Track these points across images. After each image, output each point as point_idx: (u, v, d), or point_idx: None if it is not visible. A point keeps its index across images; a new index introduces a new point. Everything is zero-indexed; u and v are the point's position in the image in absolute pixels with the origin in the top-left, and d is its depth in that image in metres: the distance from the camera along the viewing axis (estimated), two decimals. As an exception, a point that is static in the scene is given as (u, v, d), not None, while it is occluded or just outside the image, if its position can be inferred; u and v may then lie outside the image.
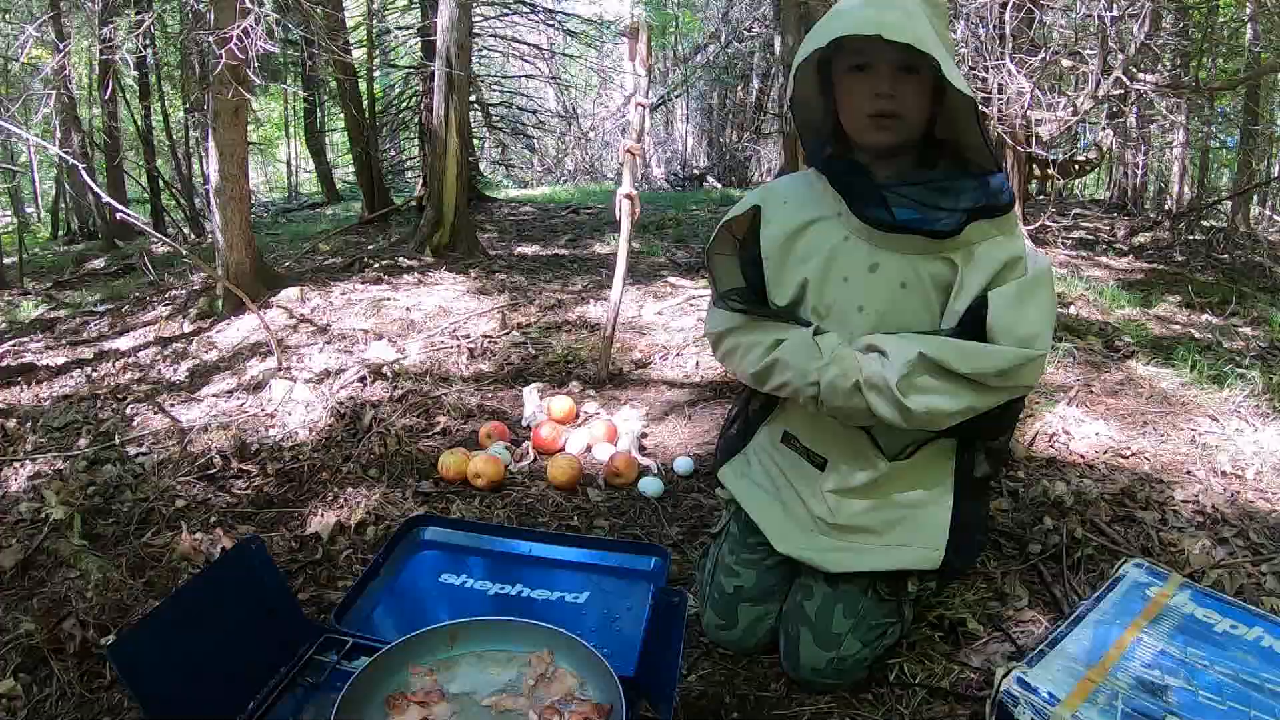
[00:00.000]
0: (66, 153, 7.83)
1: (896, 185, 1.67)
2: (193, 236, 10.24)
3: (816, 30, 1.61)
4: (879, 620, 1.81)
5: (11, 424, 3.53)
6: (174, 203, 11.44)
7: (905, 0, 1.56)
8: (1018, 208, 1.65)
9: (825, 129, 1.78)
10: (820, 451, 1.85)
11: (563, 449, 3.02)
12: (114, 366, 4.35)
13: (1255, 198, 9.02)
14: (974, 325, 1.62)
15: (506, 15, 14.26)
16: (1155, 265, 6.82)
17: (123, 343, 4.83)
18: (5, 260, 8.11)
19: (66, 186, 11.51)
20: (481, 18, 12.93)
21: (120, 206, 4.34)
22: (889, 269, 1.68)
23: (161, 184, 11.24)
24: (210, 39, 4.21)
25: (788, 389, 1.74)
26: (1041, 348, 1.62)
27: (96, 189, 4.49)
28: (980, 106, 1.64)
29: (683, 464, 2.88)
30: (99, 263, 8.78)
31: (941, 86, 1.61)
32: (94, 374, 4.25)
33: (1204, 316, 5.02)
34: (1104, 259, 6.92)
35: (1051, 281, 1.68)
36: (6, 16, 9.02)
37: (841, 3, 1.64)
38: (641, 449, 3.05)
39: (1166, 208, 9.63)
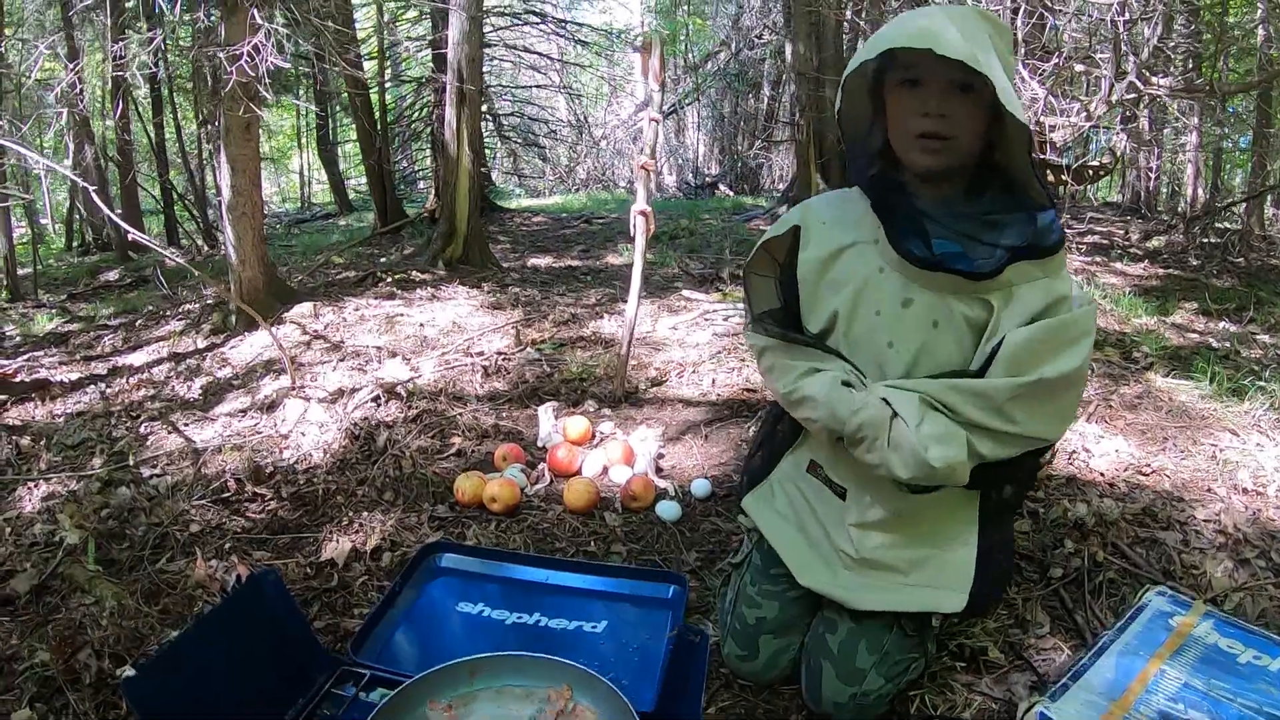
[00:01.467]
0: (78, 174, 7.87)
1: (940, 214, 1.61)
2: (206, 248, 10.28)
3: (870, 42, 1.56)
4: (902, 655, 1.78)
5: (25, 441, 3.53)
6: (187, 214, 11.48)
7: (966, 17, 1.51)
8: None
9: (873, 146, 1.71)
10: (840, 481, 1.82)
11: (579, 471, 3.00)
12: (127, 383, 4.35)
13: (1270, 199, 8.98)
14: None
15: (517, 25, 14.31)
16: (1171, 270, 6.78)
17: (136, 358, 4.84)
18: (19, 272, 8.13)
19: (80, 200, 11.56)
20: (492, 28, 12.99)
21: (131, 229, 4.34)
22: (922, 306, 1.63)
23: (175, 196, 11.28)
24: (222, 55, 4.21)
25: (815, 425, 1.71)
26: (1039, 381, 1.54)
27: (109, 211, 4.48)
28: (1033, 138, 1.55)
29: (700, 487, 2.85)
30: (113, 275, 8.81)
31: (999, 111, 1.53)
32: (108, 390, 4.25)
33: (1221, 324, 4.97)
34: (1119, 264, 6.89)
35: (1088, 329, 1.59)
36: (20, 31, 9.06)
37: (899, 15, 1.59)
38: (658, 470, 3.03)
39: (1180, 210, 9.60)
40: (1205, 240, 7.75)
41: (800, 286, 1.78)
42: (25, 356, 5.16)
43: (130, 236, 4.73)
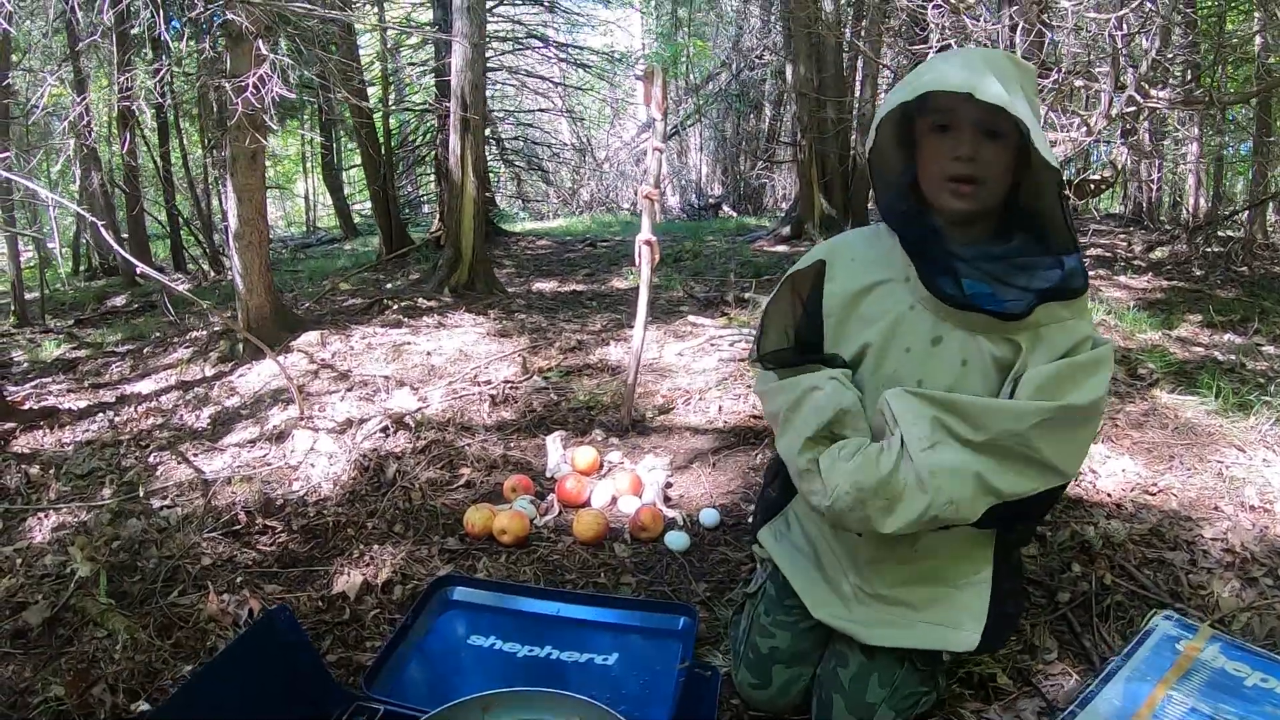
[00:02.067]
0: (86, 201, 7.91)
1: (969, 255, 1.63)
2: (212, 273, 10.31)
3: (905, 83, 1.58)
4: (913, 689, 1.79)
5: (35, 470, 3.54)
6: (193, 239, 11.52)
7: (998, 62, 1.53)
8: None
9: (902, 184, 1.73)
10: None
11: (588, 502, 3.01)
12: (136, 411, 4.37)
13: (1272, 206, 8.97)
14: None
15: (520, 50, 14.39)
16: (1175, 281, 6.76)
17: (144, 386, 4.85)
18: (27, 296, 8.16)
19: (87, 230, 11.61)
20: (494, 52, 13.05)
21: (139, 263, 4.36)
22: (951, 344, 1.65)
23: (181, 221, 11.32)
24: (227, 86, 4.24)
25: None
26: (1066, 407, 1.55)
27: (117, 246, 4.51)
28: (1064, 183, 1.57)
29: (709, 516, 2.86)
30: (120, 300, 8.85)
31: (1025, 155, 1.56)
32: (116, 418, 4.27)
33: (1226, 336, 4.96)
34: (1123, 278, 6.88)
35: (1105, 367, 1.60)
36: (26, 59, 9.12)
37: (933, 58, 1.61)
38: (666, 500, 3.04)
39: (1183, 220, 9.60)
40: (1208, 250, 7.76)
41: (825, 319, 1.79)
42: (33, 383, 5.19)
43: (139, 270, 4.73)
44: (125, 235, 10.21)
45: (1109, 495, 2.89)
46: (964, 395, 1.59)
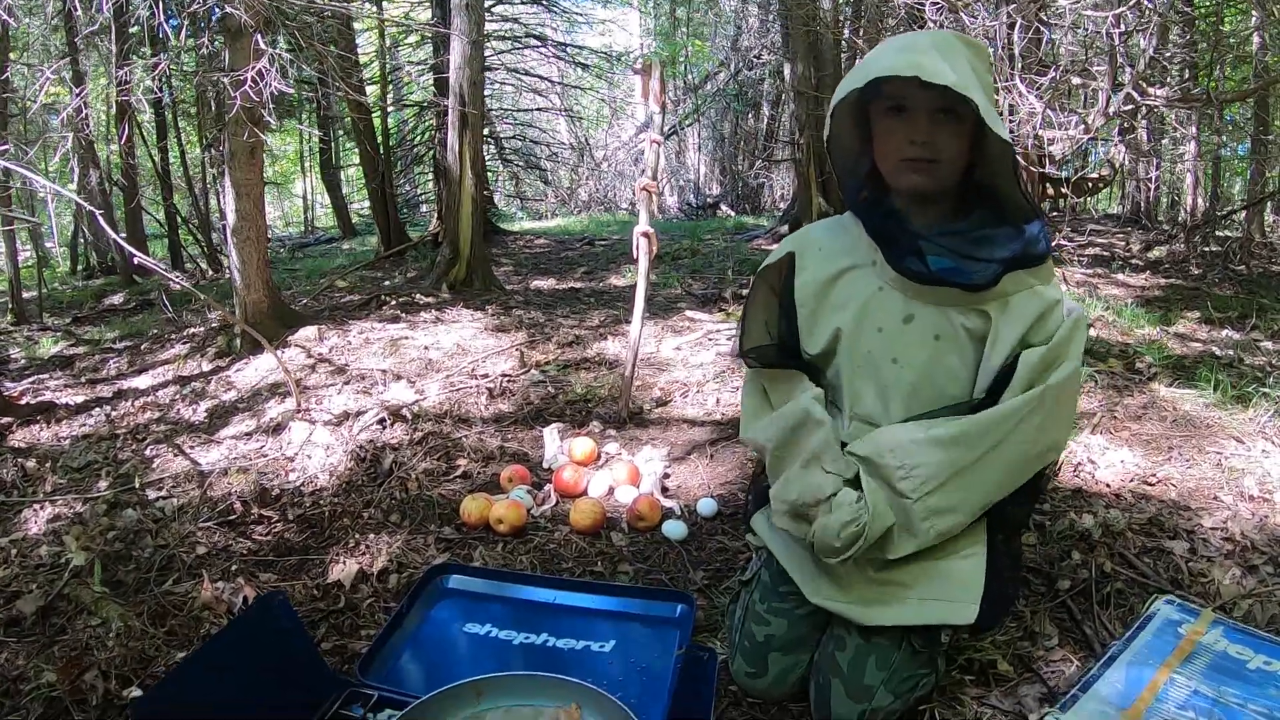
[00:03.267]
0: (83, 197, 7.90)
1: (933, 234, 1.66)
2: (210, 272, 10.29)
3: (855, 71, 1.61)
4: (912, 672, 1.78)
5: (31, 464, 3.53)
6: (191, 238, 11.50)
7: (946, 43, 1.55)
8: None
9: (861, 170, 1.76)
10: None
11: (585, 492, 3.00)
12: (133, 406, 4.36)
13: (1270, 205, 9.00)
14: (1005, 383, 1.64)
15: (518, 49, 14.38)
16: (1172, 280, 6.79)
17: (141, 381, 4.85)
18: (25, 295, 8.14)
19: (84, 226, 11.59)
20: (493, 51, 13.04)
21: (138, 252, 4.36)
22: (923, 321, 1.68)
23: (179, 220, 11.31)
24: (225, 80, 4.23)
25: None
26: (1045, 390, 1.62)
27: (115, 235, 4.50)
28: (1017, 155, 1.61)
29: (706, 506, 2.85)
30: (117, 299, 8.83)
31: (981, 131, 1.59)
32: (113, 413, 4.26)
33: (1224, 332, 4.98)
34: (1120, 276, 6.89)
35: (1081, 331, 1.67)
36: (25, 55, 9.11)
37: (882, 43, 1.63)
38: (664, 490, 3.03)
39: (1180, 220, 9.62)
40: (1206, 249, 7.78)
41: (799, 309, 1.83)
42: (30, 379, 5.18)
43: (135, 260, 4.73)
44: (124, 234, 10.19)
45: (1108, 486, 2.89)
46: (954, 419, 1.66)
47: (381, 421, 3.54)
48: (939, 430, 1.65)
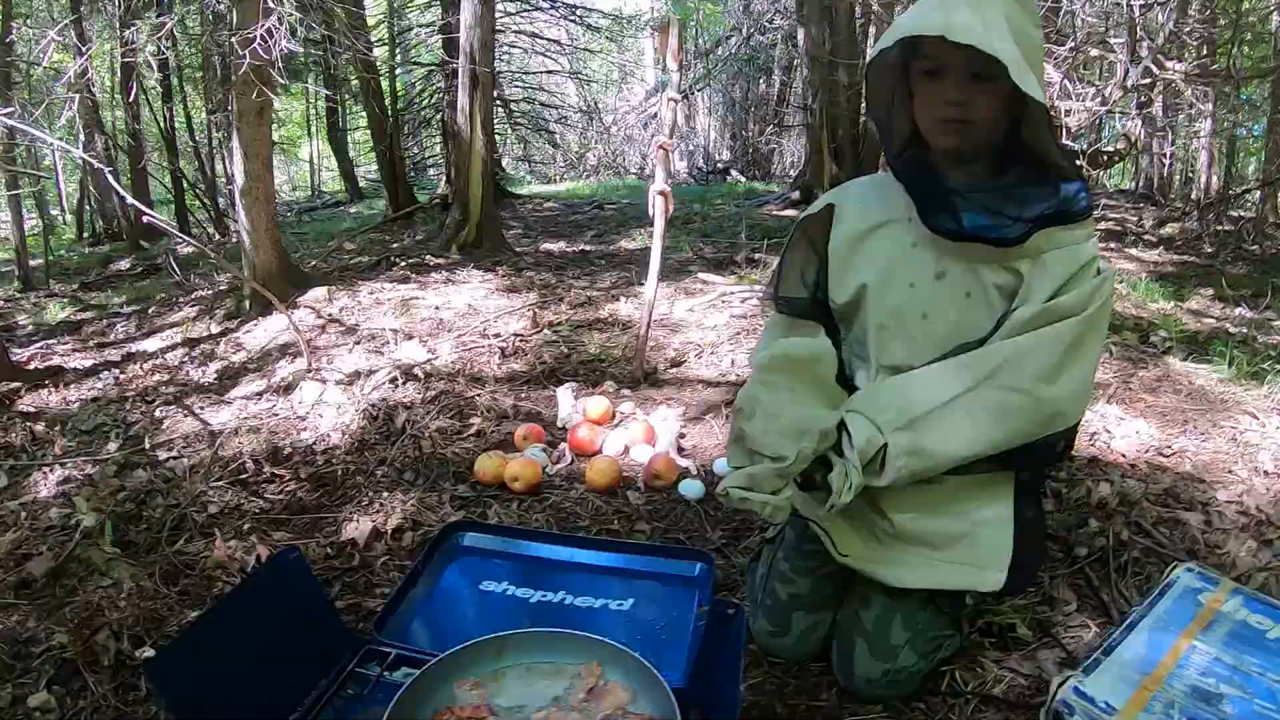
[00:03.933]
0: (91, 156, 7.86)
1: (967, 190, 1.63)
2: (217, 237, 10.26)
3: (890, 31, 1.58)
4: (937, 633, 1.76)
5: (40, 427, 3.50)
6: (198, 203, 11.46)
7: (984, 1, 1.49)
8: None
9: (903, 129, 1.74)
10: None
11: (600, 451, 2.96)
12: (141, 368, 4.33)
13: (1284, 186, 8.93)
14: None
15: (527, 11, 14.27)
16: (1185, 257, 6.78)
17: (150, 344, 4.82)
18: (32, 262, 8.13)
19: (91, 189, 11.55)
20: (503, 13, 12.94)
21: (146, 209, 4.32)
22: (955, 277, 1.66)
23: (185, 184, 11.26)
24: (233, 40, 4.17)
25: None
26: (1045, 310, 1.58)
27: (122, 191, 4.46)
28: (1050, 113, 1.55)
29: (722, 465, 2.81)
30: (124, 264, 8.81)
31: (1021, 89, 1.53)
32: (122, 376, 4.24)
33: (1238, 310, 4.99)
34: (1134, 250, 6.87)
35: (1103, 297, 1.61)
36: (28, 21, 9.04)
37: (919, 2, 1.59)
38: (680, 450, 2.99)
39: (1194, 197, 9.55)
40: (1219, 228, 7.73)
41: (830, 258, 1.81)
42: (39, 345, 5.15)
43: (144, 219, 4.69)
44: (131, 200, 10.16)
45: (1123, 456, 2.88)
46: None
47: (394, 380, 3.50)
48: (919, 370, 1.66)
